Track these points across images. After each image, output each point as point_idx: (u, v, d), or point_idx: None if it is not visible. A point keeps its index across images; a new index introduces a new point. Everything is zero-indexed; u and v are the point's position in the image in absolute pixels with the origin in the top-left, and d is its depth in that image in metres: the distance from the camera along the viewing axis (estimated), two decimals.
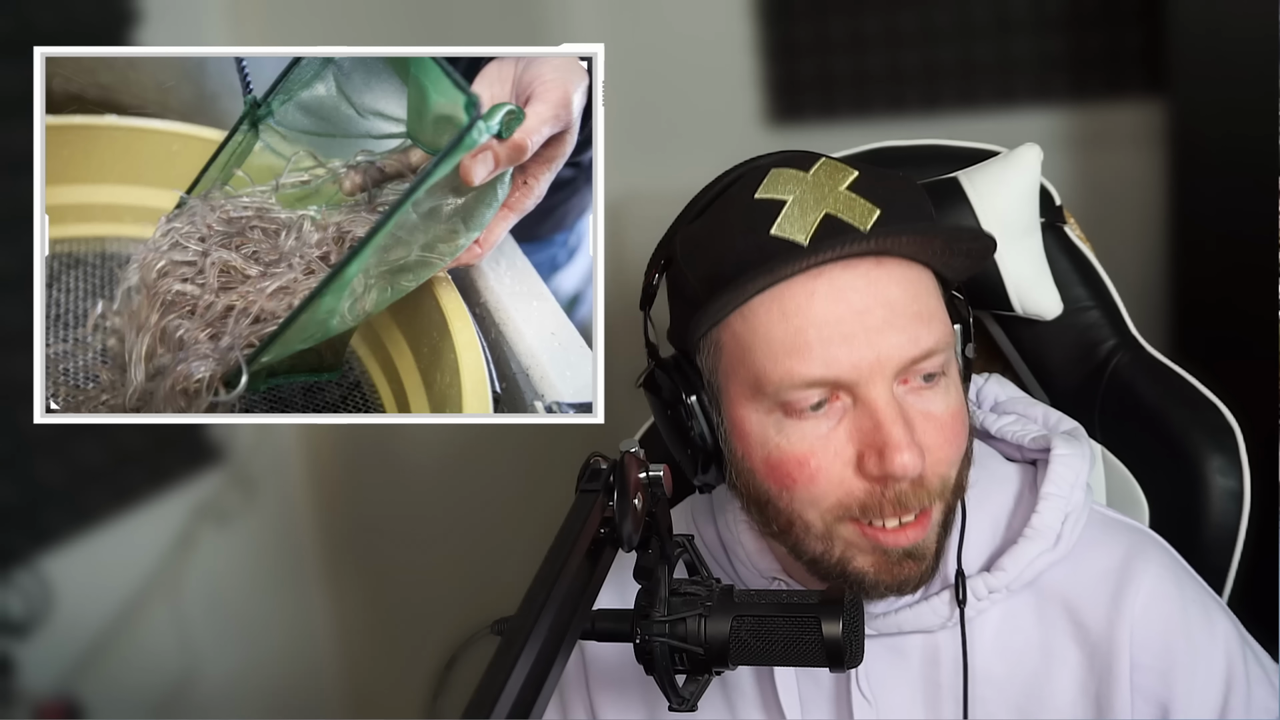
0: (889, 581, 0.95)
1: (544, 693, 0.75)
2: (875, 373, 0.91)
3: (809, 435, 0.92)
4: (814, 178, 0.94)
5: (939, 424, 0.93)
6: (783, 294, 0.91)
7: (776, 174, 0.95)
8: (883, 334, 0.91)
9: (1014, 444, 1.07)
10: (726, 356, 0.95)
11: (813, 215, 0.92)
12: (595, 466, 0.87)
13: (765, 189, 0.95)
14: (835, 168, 0.96)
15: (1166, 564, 1.01)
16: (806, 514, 0.94)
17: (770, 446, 0.94)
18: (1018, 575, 0.99)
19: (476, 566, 2.18)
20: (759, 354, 0.92)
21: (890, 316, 0.91)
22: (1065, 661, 0.99)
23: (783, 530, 0.96)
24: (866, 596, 0.96)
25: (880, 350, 0.90)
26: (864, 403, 0.91)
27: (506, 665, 0.72)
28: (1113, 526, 1.03)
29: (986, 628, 1.00)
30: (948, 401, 0.94)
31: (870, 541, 0.94)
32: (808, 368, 0.91)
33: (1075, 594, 1.00)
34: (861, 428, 0.92)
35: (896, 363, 0.91)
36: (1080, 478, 1.00)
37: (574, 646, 0.82)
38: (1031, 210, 1.15)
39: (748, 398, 0.94)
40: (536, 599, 0.77)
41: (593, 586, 0.85)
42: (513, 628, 0.75)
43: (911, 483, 0.92)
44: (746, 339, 0.93)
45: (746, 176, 0.97)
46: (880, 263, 0.92)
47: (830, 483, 0.93)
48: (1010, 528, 1.02)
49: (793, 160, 0.97)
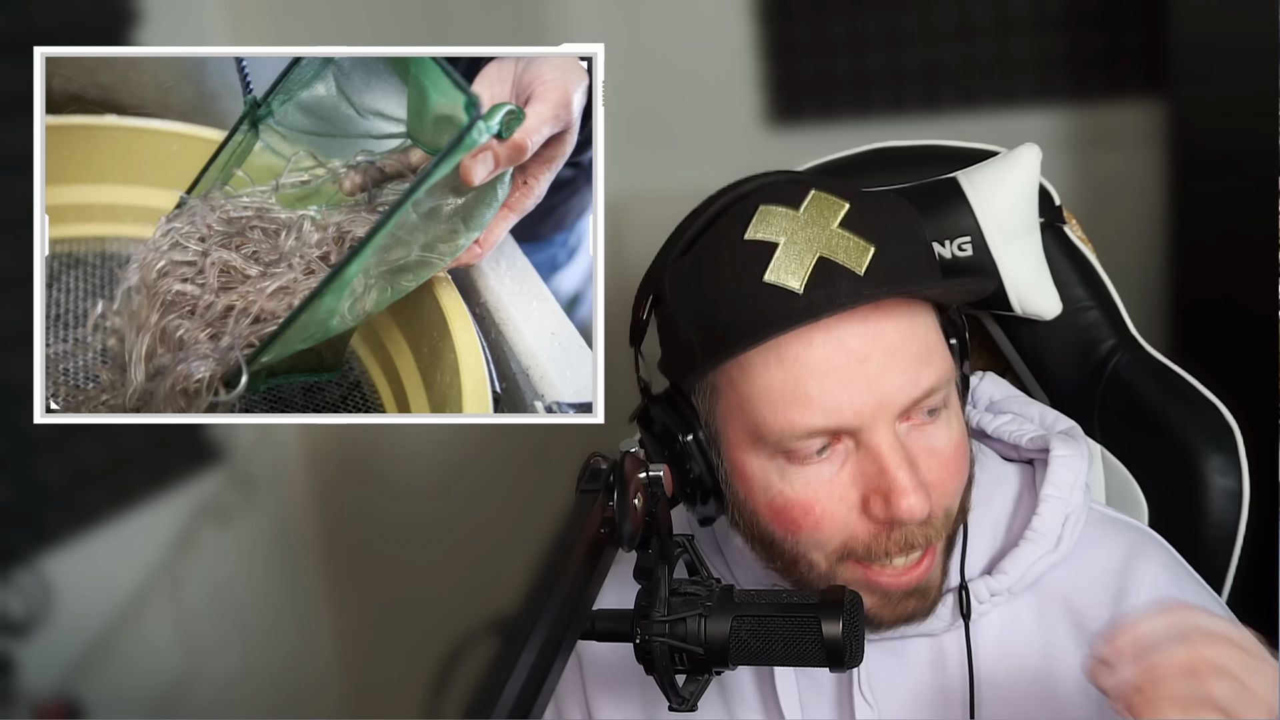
0: (891, 618, 0.96)
1: (544, 693, 0.75)
2: (878, 417, 0.90)
3: (813, 481, 0.92)
4: (805, 215, 0.92)
5: (942, 460, 0.93)
6: (779, 344, 0.90)
7: (765, 212, 0.92)
8: (883, 379, 0.90)
9: (1011, 444, 1.06)
10: (724, 401, 0.94)
11: (806, 259, 0.90)
12: (595, 466, 0.87)
13: (755, 229, 0.92)
14: (825, 202, 0.92)
15: (1166, 563, 1.01)
16: (811, 555, 0.94)
17: (774, 492, 0.93)
18: (1019, 578, 0.99)
19: (476, 566, 2.17)
20: (758, 403, 0.91)
21: (889, 360, 0.90)
22: (1067, 663, 0.99)
23: (787, 568, 0.96)
24: (873, 630, 0.96)
25: (881, 395, 0.90)
26: (867, 447, 0.91)
27: (506, 665, 0.72)
28: (1112, 526, 1.03)
29: (988, 630, 1.00)
30: (950, 434, 0.94)
31: (871, 585, 0.94)
32: (809, 418, 0.90)
33: (1076, 595, 1.00)
34: (866, 472, 0.91)
35: (899, 406, 0.90)
36: (1079, 478, 1.00)
37: (574, 646, 0.82)
38: (1031, 210, 1.15)
39: (749, 444, 0.93)
40: (536, 599, 0.77)
41: (593, 586, 0.85)
42: (513, 628, 0.75)
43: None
44: (744, 388, 0.92)
45: (734, 210, 0.94)
46: (877, 306, 0.90)
47: (835, 527, 0.92)
48: (1010, 530, 1.02)
49: (781, 195, 0.94)
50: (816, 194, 0.93)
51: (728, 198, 0.97)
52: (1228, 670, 0.78)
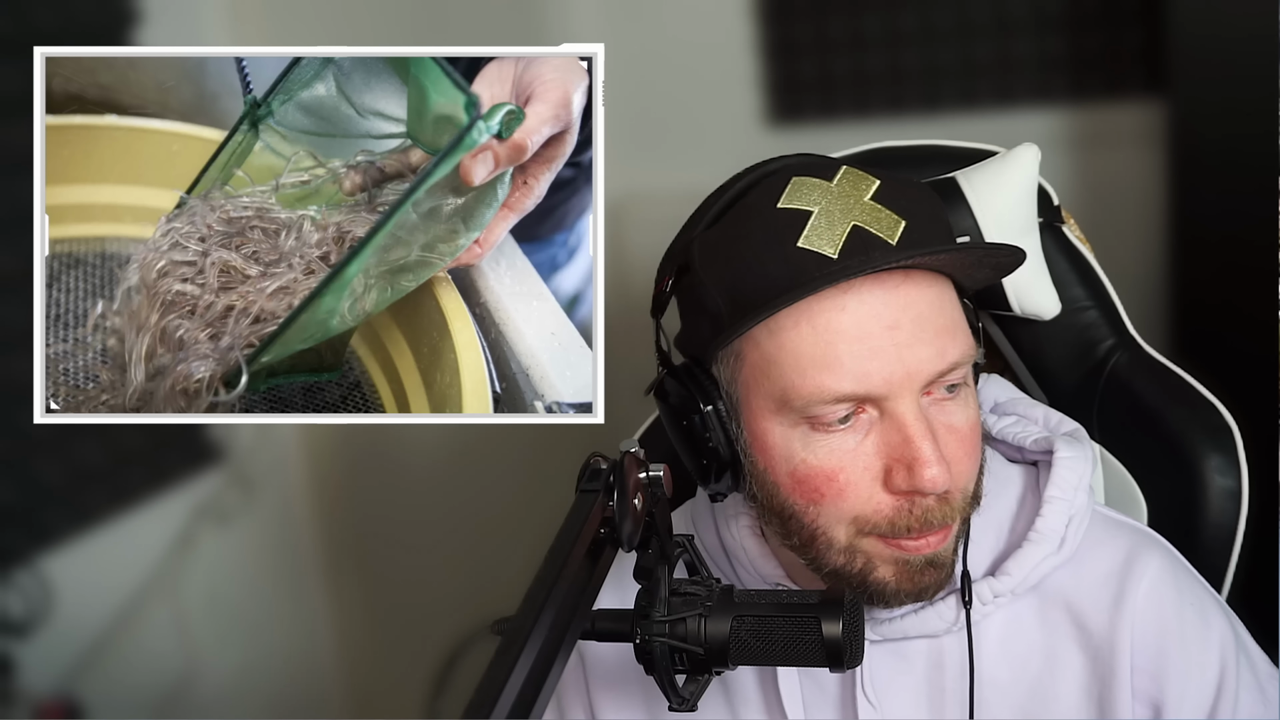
0: (909, 589, 0.95)
1: (544, 693, 0.75)
2: (904, 387, 0.90)
3: (836, 449, 0.92)
4: (838, 187, 0.93)
5: (960, 437, 0.93)
6: (811, 308, 0.90)
7: (799, 183, 0.94)
8: (911, 348, 0.90)
9: (1015, 445, 1.06)
10: (749, 368, 0.94)
11: (840, 227, 0.91)
12: (595, 466, 0.87)
13: (788, 198, 0.93)
14: (858, 177, 0.94)
15: (1166, 565, 1.01)
16: (832, 530, 0.94)
17: (796, 461, 0.93)
18: (1023, 579, 0.99)
19: (476, 566, 2.18)
20: (786, 368, 0.91)
21: (918, 330, 0.91)
22: (1068, 665, 1.00)
23: (804, 544, 0.96)
24: (886, 605, 0.96)
25: (909, 364, 0.90)
26: (892, 416, 0.91)
27: (506, 665, 0.72)
28: (1114, 528, 1.03)
29: (991, 631, 1.00)
30: (967, 413, 0.94)
31: (893, 551, 0.94)
32: (838, 382, 0.90)
33: (1078, 597, 1.00)
34: (890, 441, 0.91)
35: (925, 376, 0.91)
36: (1083, 480, 1.00)
37: (574, 646, 0.82)
38: (1029, 210, 1.15)
39: (772, 411, 0.93)
40: (536, 599, 0.77)
41: (593, 586, 0.85)
42: (513, 628, 0.75)
43: (937, 498, 0.92)
44: (772, 352, 0.92)
45: (765, 184, 0.96)
46: (908, 276, 0.91)
47: (858, 497, 0.92)
48: (1014, 531, 1.02)
49: (813, 168, 0.96)
50: (848, 169, 0.95)
51: (755, 174, 0.98)
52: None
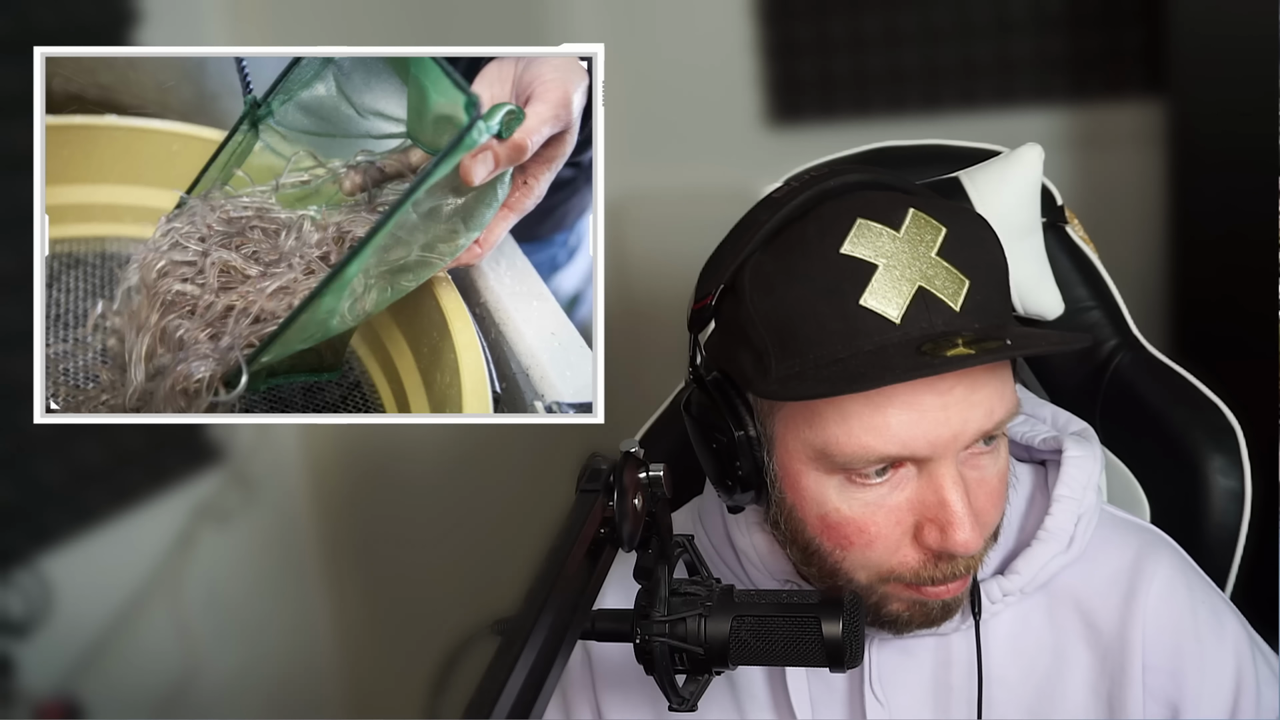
0: (922, 622, 0.95)
1: (544, 693, 0.75)
2: (949, 448, 0.89)
3: (871, 502, 0.91)
4: (905, 237, 0.89)
5: (989, 489, 0.93)
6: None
7: (864, 227, 0.89)
8: (961, 411, 0.88)
9: (1023, 444, 1.06)
10: (790, 410, 0.91)
11: (904, 288, 0.87)
12: (595, 466, 0.87)
13: (853, 244, 0.88)
14: (925, 225, 0.90)
15: (1177, 565, 1.01)
16: (854, 573, 0.93)
17: (829, 508, 0.92)
18: (1031, 578, 0.98)
19: (476, 566, 2.18)
20: (830, 422, 0.89)
21: (969, 394, 0.88)
22: (1077, 663, 0.99)
23: (822, 575, 0.95)
24: (896, 633, 0.96)
25: (956, 428, 0.88)
26: (930, 476, 0.90)
27: (506, 665, 0.72)
28: (1123, 527, 1.03)
29: (999, 630, 1.00)
30: (998, 465, 0.93)
31: (912, 595, 0.93)
32: (885, 446, 0.88)
33: (1087, 596, 1.00)
34: (925, 500, 0.90)
35: (970, 438, 0.89)
36: (1092, 479, 1.00)
37: (574, 646, 0.82)
38: (1033, 210, 1.15)
39: (809, 457, 0.91)
40: (536, 599, 0.77)
41: (593, 586, 0.85)
42: (513, 628, 0.75)
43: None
44: (818, 405, 0.89)
45: (827, 216, 0.91)
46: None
47: (886, 549, 0.92)
48: (1023, 530, 1.01)
49: (880, 211, 0.90)
50: (916, 215, 0.90)
51: (811, 192, 0.93)
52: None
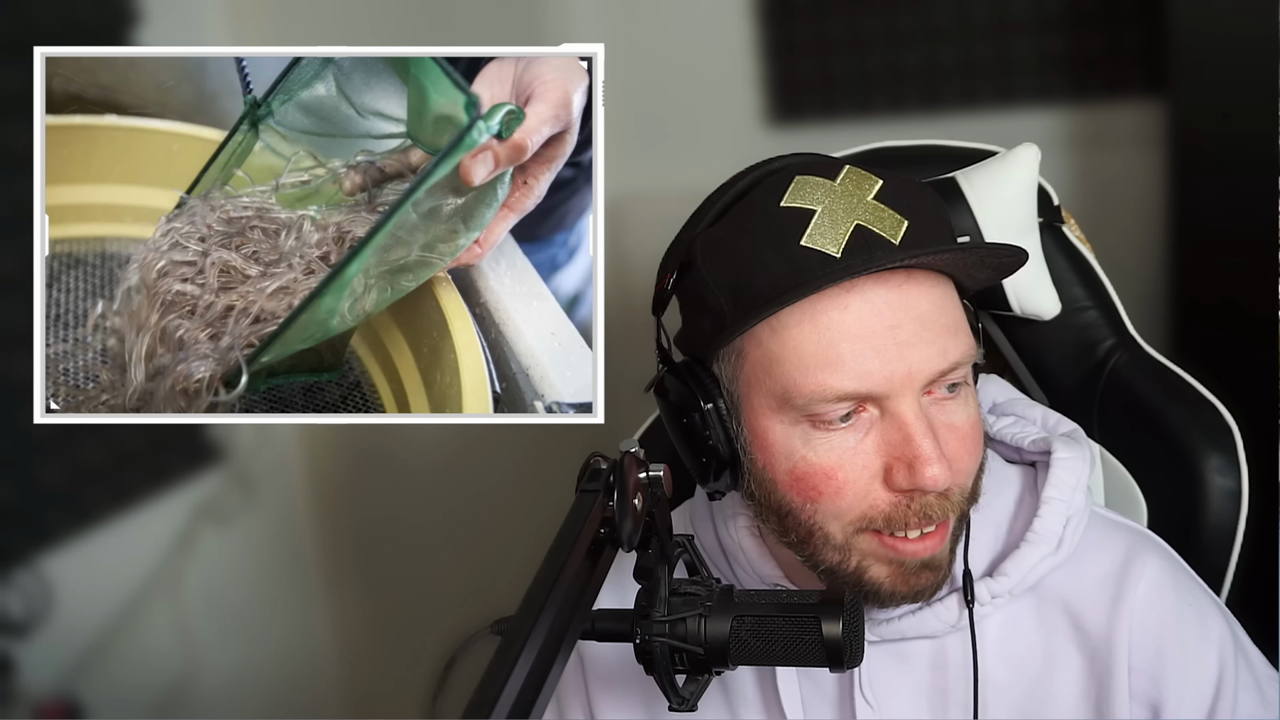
0: (905, 591, 0.96)
1: (544, 693, 0.75)
2: (905, 386, 0.91)
3: (836, 448, 0.92)
4: (841, 186, 0.94)
5: (961, 435, 0.94)
6: (814, 306, 0.91)
7: (802, 181, 0.94)
8: (913, 347, 0.90)
9: (1013, 446, 1.07)
10: (750, 366, 0.94)
11: (843, 226, 0.91)
12: (595, 466, 0.87)
13: (791, 197, 0.94)
14: (861, 176, 0.95)
15: (1164, 566, 1.01)
16: (828, 526, 0.94)
17: (796, 459, 0.93)
18: (1020, 580, 0.99)
19: (476, 567, 2.18)
20: (788, 366, 0.92)
21: (920, 330, 0.91)
22: (1066, 665, 1.00)
23: (801, 540, 0.96)
24: (881, 605, 0.97)
25: (911, 364, 0.90)
26: (892, 415, 0.91)
27: (506, 665, 0.72)
28: (1112, 528, 1.03)
29: (989, 632, 1.00)
30: (968, 412, 0.95)
31: (888, 552, 0.94)
32: (840, 381, 0.90)
33: (1076, 598, 1.00)
34: (890, 440, 0.92)
35: (926, 376, 0.91)
36: (1081, 481, 1.01)
37: (574, 646, 0.82)
38: (1029, 210, 1.15)
39: (773, 409, 0.93)
40: (536, 599, 0.77)
41: (593, 586, 0.85)
42: (513, 628, 0.75)
43: (937, 495, 0.92)
44: (774, 350, 0.92)
45: (768, 182, 0.96)
46: (910, 275, 0.92)
47: (856, 495, 0.93)
48: (1012, 532, 1.02)
49: (815, 167, 0.96)
50: (851, 169, 0.95)
51: (758, 173, 0.98)
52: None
